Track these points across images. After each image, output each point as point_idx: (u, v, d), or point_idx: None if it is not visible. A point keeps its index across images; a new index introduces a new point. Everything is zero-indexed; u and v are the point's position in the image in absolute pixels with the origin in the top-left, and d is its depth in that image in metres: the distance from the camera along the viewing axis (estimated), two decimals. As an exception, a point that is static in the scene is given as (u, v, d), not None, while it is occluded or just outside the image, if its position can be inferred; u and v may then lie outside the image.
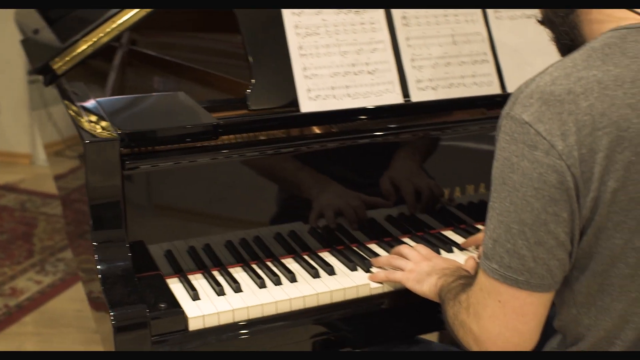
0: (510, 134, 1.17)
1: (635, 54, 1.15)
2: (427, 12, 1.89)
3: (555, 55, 1.86)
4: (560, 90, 1.13)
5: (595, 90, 1.12)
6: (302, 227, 1.75)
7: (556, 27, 1.34)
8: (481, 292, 1.25)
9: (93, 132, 1.55)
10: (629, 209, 1.13)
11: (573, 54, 1.19)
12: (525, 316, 1.21)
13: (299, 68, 1.75)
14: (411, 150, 1.82)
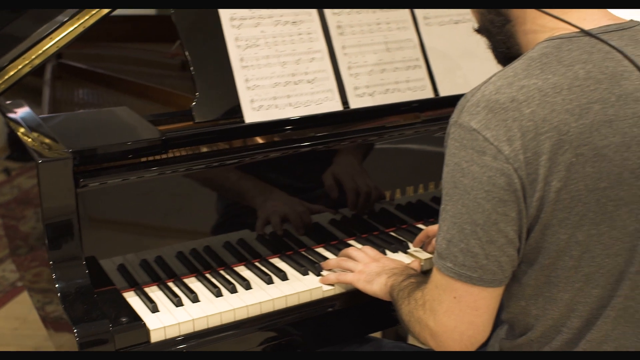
0: (460, 141, 1.24)
1: (570, 62, 1.23)
2: (361, 20, 1.96)
3: (481, 58, 1.96)
4: (504, 98, 1.21)
5: (536, 97, 1.20)
6: (250, 235, 1.79)
7: (493, 36, 1.42)
8: (436, 289, 1.32)
9: (41, 151, 1.56)
10: (571, 206, 1.21)
11: (513, 64, 1.27)
12: (479, 310, 1.29)
13: (242, 80, 1.79)
14: (352, 155, 1.88)
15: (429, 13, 2.05)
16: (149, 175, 1.64)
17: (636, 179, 1.21)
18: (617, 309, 1.27)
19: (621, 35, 1.27)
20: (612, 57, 1.24)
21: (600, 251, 1.24)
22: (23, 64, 1.88)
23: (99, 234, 1.62)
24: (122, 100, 2.25)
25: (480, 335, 1.31)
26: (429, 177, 1.98)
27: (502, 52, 1.42)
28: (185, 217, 1.73)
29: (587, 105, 1.20)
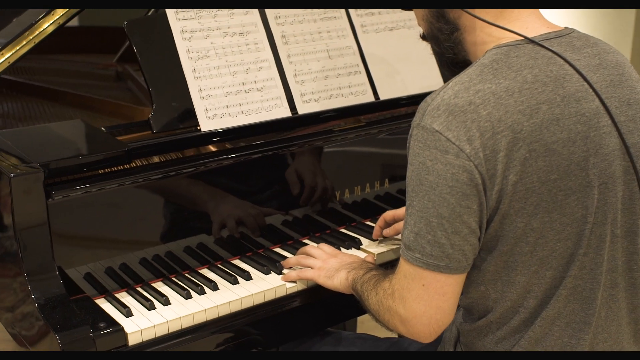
0: (423, 142, 1.35)
1: (518, 67, 1.36)
2: (303, 30, 2.06)
3: (415, 62, 2.10)
4: (462, 102, 1.33)
5: (491, 100, 1.33)
6: (208, 239, 1.86)
7: (441, 43, 1.53)
8: (405, 278, 1.43)
9: (10, 166, 1.60)
10: (526, 197, 1.34)
11: (467, 70, 1.39)
12: (446, 295, 1.41)
13: (195, 90, 1.87)
14: (302, 158, 1.98)
15: (365, 21, 2.16)
16: (115, 185, 1.70)
17: (581, 170, 1.35)
18: (567, 288, 1.40)
19: (560, 42, 1.41)
20: (555, 62, 1.38)
21: (552, 236, 1.37)
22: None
23: (66, 244, 1.67)
24: (65, 112, 2.29)
25: (447, 319, 1.43)
26: (373, 177, 2.09)
27: (449, 58, 1.54)
28: (148, 224, 1.79)
29: (536, 106, 1.33)
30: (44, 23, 2.00)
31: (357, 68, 2.11)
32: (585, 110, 1.36)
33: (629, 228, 1.44)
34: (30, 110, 2.34)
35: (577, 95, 1.36)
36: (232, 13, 1.97)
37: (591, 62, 1.41)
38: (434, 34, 1.54)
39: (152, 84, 1.83)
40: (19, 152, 1.68)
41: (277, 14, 2.03)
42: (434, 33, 1.54)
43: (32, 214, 1.59)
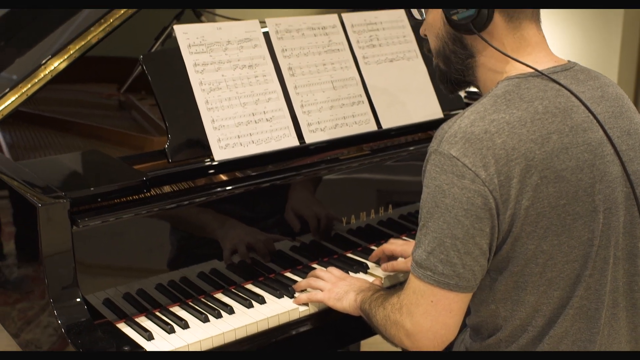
0: (440, 166, 1.44)
1: (530, 98, 1.46)
2: (309, 62, 2.14)
3: (415, 92, 2.18)
4: (478, 130, 1.42)
5: (505, 129, 1.42)
6: (220, 264, 1.93)
7: (451, 64, 1.60)
8: (414, 294, 1.51)
9: (38, 195, 1.66)
10: (537, 221, 1.43)
11: (482, 100, 1.48)
12: (452, 312, 1.49)
13: (208, 121, 1.94)
14: (309, 186, 2.06)
15: (367, 53, 2.25)
16: (136, 213, 1.76)
17: (588, 196, 1.44)
18: (574, 307, 1.49)
19: (565, 75, 1.51)
20: (563, 94, 1.47)
21: (561, 258, 1.46)
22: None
23: (86, 271, 1.73)
24: (75, 142, 2.35)
25: (451, 335, 1.51)
26: (377, 203, 2.17)
27: (456, 79, 1.62)
28: (164, 251, 1.86)
29: (547, 135, 1.42)
30: (56, 60, 2.06)
31: (360, 98, 2.19)
32: (591, 140, 1.45)
33: (629, 251, 1.53)
34: (40, 140, 2.40)
35: (584, 125, 1.45)
36: (241, 46, 2.05)
37: (594, 95, 1.50)
38: (446, 54, 1.61)
39: (167, 115, 1.90)
40: (42, 182, 1.74)
41: (284, 47, 2.11)
42: (446, 53, 1.60)
43: (58, 242, 1.65)
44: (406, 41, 2.35)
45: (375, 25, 2.31)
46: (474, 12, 1.48)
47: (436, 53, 1.63)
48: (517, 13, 1.50)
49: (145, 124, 2.49)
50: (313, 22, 2.19)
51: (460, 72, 1.60)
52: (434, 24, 1.60)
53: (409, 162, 2.24)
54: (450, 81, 1.64)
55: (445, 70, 1.63)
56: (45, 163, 1.93)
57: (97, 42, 2.12)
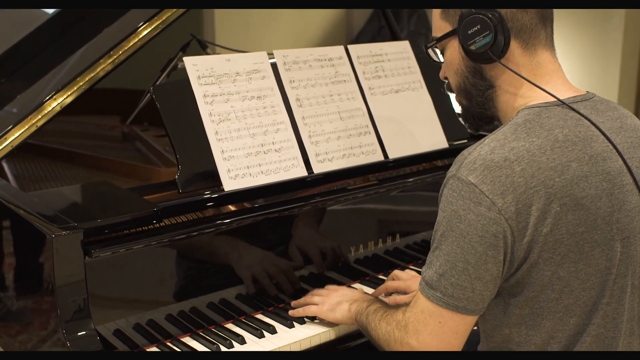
0: (458, 192, 1.45)
1: (550, 127, 1.47)
2: (316, 93, 2.16)
3: (420, 122, 2.20)
4: (498, 158, 1.43)
5: (525, 157, 1.43)
6: (229, 295, 1.93)
7: (472, 98, 1.62)
8: (422, 314, 1.51)
9: (47, 226, 1.67)
10: (555, 248, 1.44)
11: (502, 129, 1.49)
12: (458, 333, 1.50)
13: (218, 151, 1.95)
14: (317, 216, 2.06)
15: (372, 84, 2.27)
16: (147, 244, 1.76)
17: (606, 225, 1.46)
18: (591, 335, 1.49)
19: (585, 105, 1.53)
20: (582, 124, 1.49)
21: (577, 285, 1.46)
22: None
23: (99, 301, 1.72)
24: (80, 174, 2.36)
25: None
26: (384, 233, 2.18)
27: (478, 112, 1.63)
28: (174, 281, 1.86)
29: (567, 164, 1.44)
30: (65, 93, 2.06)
31: (367, 129, 2.21)
32: (611, 169, 1.47)
33: (645, 280, 1.54)
34: (45, 172, 2.40)
35: (603, 155, 1.47)
36: (250, 78, 2.06)
37: (614, 125, 1.52)
38: (466, 88, 1.63)
39: (178, 146, 1.91)
40: (54, 213, 1.74)
41: (291, 78, 2.13)
42: (467, 88, 1.62)
43: (71, 272, 1.65)
44: (411, 72, 2.37)
45: (380, 56, 2.33)
46: (491, 39, 1.50)
47: (457, 90, 1.65)
48: (532, 39, 1.53)
49: (151, 155, 2.50)
50: (320, 53, 2.21)
51: (482, 105, 1.62)
52: (452, 62, 1.62)
53: (415, 192, 2.25)
54: (473, 116, 1.66)
55: (468, 105, 1.65)
56: (55, 194, 1.93)
57: (105, 75, 2.12)
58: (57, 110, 2.05)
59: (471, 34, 1.52)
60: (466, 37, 1.53)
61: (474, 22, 1.52)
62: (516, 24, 1.52)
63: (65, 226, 1.66)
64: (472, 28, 1.52)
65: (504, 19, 1.50)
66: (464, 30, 1.53)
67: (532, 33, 1.53)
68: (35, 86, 2.21)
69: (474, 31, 1.52)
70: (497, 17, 1.50)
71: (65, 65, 2.21)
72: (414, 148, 2.27)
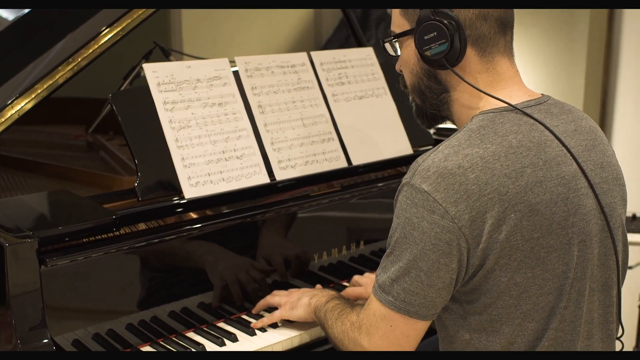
0: (411, 199, 1.44)
1: (504, 133, 1.47)
2: (279, 99, 2.15)
3: (384, 128, 2.19)
4: (451, 165, 1.42)
5: (479, 164, 1.42)
6: (191, 303, 1.91)
7: (426, 99, 1.62)
8: (374, 316, 1.52)
9: (1, 235, 1.64)
10: (511, 254, 1.43)
11: (456, 135, 1.49)
12: (409, 337, 1.50)
13: (178, 159, 1.93)
14: (280, 223, 2.05)
15: (336, 90, 2.27)
16: (105, 252, 1.74)
17: (562, 229, 1.45)
18: (550, 339, 1.49)
19: (539, 109, 1.52)
20: (536, 128, 1.48)
21: (535, 291, 1.46)
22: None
23: (57, 311, 1.70)
24: (43, 183, 2.33)
25: None
26: (348, 239, 2.17)
27: (431, 114, 1.63)
28: (134, 290, 1.84)
29: (521, 169, 1.43)
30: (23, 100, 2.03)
31: (330, 135, 2.20)
32: (565, 174, 1.46)
33: (604, 282, 1.54)
34: (5, 181, 2.36)
35: (557, 159, 1.47)
36: (211, 85, 2.05)
37: (568, 128, 1.52)
38: (421, 89, 1.62)
39: (137, 153, 1.89)
40: (9, 222, 1.71)
41: (253, 85, 2.12)
42: (421, 89, 1.62)
43: (26, 282, 1.63)
44: (375, 79, 2.37)
45: (344, 63, 2.33)
46: (446, 47, 1.49)
47: (411, 88, 1.65)
48: (490, 47, 1.52)
49: (114, 164, 2.48)
50: (282, 60, 2.20)
51: (436, 107, 1.61)
52: (408, 60, 1.61)
53: (380, 199, 2.24)
54: (426, 116, 1.66)
55: (421, 105, 1.65)
56: (12, 203, 1.90)
57: (65, 82, 2.09)
58: (15, 117, 2.01)
59: (427, 39, 1.51)
60: (422, 42, 1.52)
61: (430, 28, 1.50)
62: (474, 33, 1.51)
63: (19, 235, 1.64)
64: (429, 34, 1.51)
65: (462, 27, 1.49)
66: (420, 35, 1.52)
67: (490, 42, 1.52)
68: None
69: (430, 37, 1.51)
70: (455, 25, 1.49)
71: (27, 72, 2.18)
72: (378, 154, 2.27)
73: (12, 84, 2.14)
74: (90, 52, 2.07)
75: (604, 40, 3.50)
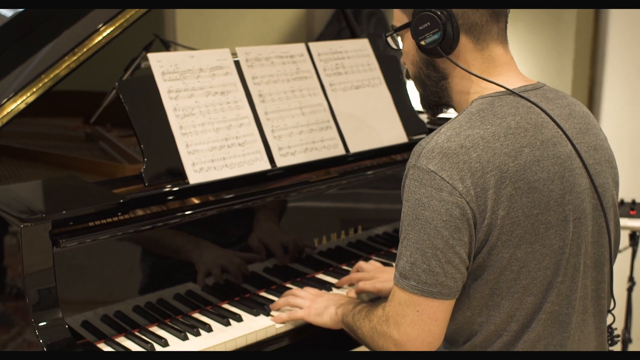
0: (419, 180, 1.50)
1: (503, 115, 1.54)
2: (278, 89, 2.21)
3: (380, 117, 2.25)
4: (454, 145, 1.49)
5: (480, 144, 1.49)
6: (195, 286, 1.96)
7: (427, 87, 1.70)
8: (400, 305, 1.56)
9: (19, 217, 1.69)
10: (512, 230, 1.50)
11: (457, 118, 1.56)
12: (438, 320, 1.55)
13: (183, 145, 1.99)
14: (280, 208, 2.11)
15: (333, 80, 2.33)
16: (113, 234, 1.79)
17: (559, 206, 1.52)
18: (547, 312, 1.56)
19: (535, 93, 1.59)
20: (533, 111, 1.56)
21: (534, 265, 1.53)
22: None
23: (67, 293, 1.75)
24: (46, 173, 2.37)
25: (437, 342, 1.57)
26: (346, 225, 2.23)
27: (432, 101, 1.71)
28: (141, 273, 1.89)
29: (519, 149, 1.50)
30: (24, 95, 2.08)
31: (328, 123, 2.26)
32: (561, 153, 1.53)
33: (597, 259, 1.61)
34: (9, 171, 2.40)
35: (554, 140, 1.54)
36: (213, 74, 2.11)
37: (563, 112, 1.59)
38: (421, 78, 1.70)
39: (143, 140, 1.94)
40: (21, 206, 1.76)
41: (254, 75, 2.18)
42: (421, 78, 1.70)
43: (40, 262, 1.68)
44: (370, 69, 2.43)
45: (340, 54, 2.39)
46: (440, 36, 1.57)
47: (414, 78, 1.72)
48: (483, 35, 1.59)
49: (114, 153, 2.52)
50: (281, 50, 2.26)
51: (436, 95, 1.68)
52: (408, 52, 1.69)
53: (376, 185, 2.31)
54: (428, 104, 1.74)
55: (423, 93, 1.73)
56: (22, 188, 1.95)
57: (69, 72, 2.14)
58: (22, 108, 2.06)
59: (422, 30, 1.59)
60: (417, 32, 1.60)
61: (424, 19, 1.59)
62: (467, 21, 1.58)
63: (33, 217, 1.69)
64: (423, 24, 1.59)
65: (453, 17, 1.57)
66: (415, 26, 1.60)
67: (482, 29, 1.59)
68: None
69: (424, 27, 1.59)
70: (446, 15, 1.57)
71: (27, 67, 2.23)
72: (374, 142, 2.33)
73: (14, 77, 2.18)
74: (94, 43, 2.13)
75: (591, 34, 3.58)
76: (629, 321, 2.76)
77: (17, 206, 1.76)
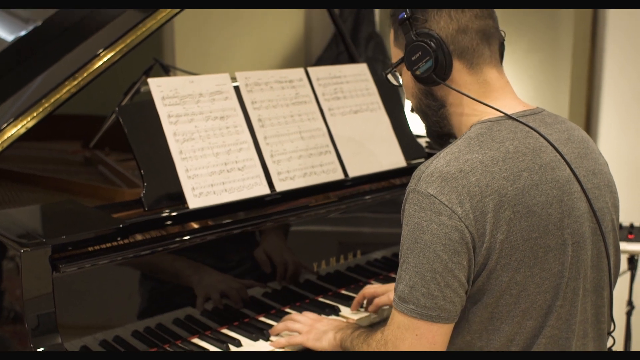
0: (419, 204, 1.51)
1: (501, 139, 1.55)
2: (277, 113, 2.22)
3: (378, 141, 2.26)
4: (453, 170, 1.50)
5: (479, 168, 1.50)
6: (194, 311, 1.96)
7: (428, 118, 1.71)
8: (399, 329, 1.56)
9: (15, 242, 1.69)
10: (511, 254, 1.51)
11: (456, 142, 1.57)
12: (436, 343, 1.55)
13: (182, 170, 1.99)
14: (280, 233, 2.11)
15: (332, 105, 2.34)
16: (112, 259, 1.79)
17: (557, 230, 1.53)
18: (547, 336, 1.56)
19: (534, 118, 1.61)
20: (532, 136, 1.57)
21: (533, 289, 1.53)
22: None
23: (66, 318, 1.74)
24: (46, 197, 2.37)
25: None
26: (346, 249, 2.24)
27: (435, 131, 1.72)
28: (140, 298, 1.89)
29: (518, 173, 1.51)
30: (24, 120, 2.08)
31: (327, 148, 2.27)
32: (559, 178, 1.54)
33: (597, 283, 1.61)
34: (8, 195, 2.41)
35: (552, 164, 1.55)
36: (213, 99, 2.11)
37: (561, 137, 1.60)
38: (422, 109, 1.72)
39: (143, 164, 1.95)
40: (21, 230, 1.76)
41: (253, 99, 2.19)
42: (422, 109, 1.72)
43: (39, 287, 1.67)
44: (369, 94, 2.44)
45: (339, 78, 2.40)
46: (432, 64, 1.59)
47: (416, 110, 1.74)
48: (476, 59, 1.61)
49: (113, 177, 2.53)
50: (281, 75, 2.28)
51: (437, 124, 1.70)
52: (407, 85, 1.71)
53: (374, 209, 2.31)
54: (432, 134, 1.75)
55: (426, 124, 1.74)
56: (21, 213, 1.95)
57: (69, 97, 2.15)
58: (22, 132, 2.06)
59: (414, 60, 1.61)
60: (411, 63, 1.62)
61: (415, 49, 1.61)
62: (457, 46, 1.60)
63: (33, 242, 1.69)
64: (415, 55, 1.61)
65: (443, 43, 1.59)
66: (408, 57, 1.62)
67: (474, 53, 1.61)
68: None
69: (416, 57, 1.61)
70: (437, 42, 1.58)
71: (27, 91, 2.24)
72: (373, 167, 2.33)
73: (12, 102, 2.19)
74: (94, 67, 2.13)
75: (588, 57, 3.61)
76: (628, 345, 2.76)
77: (16, 231, 1.76)
